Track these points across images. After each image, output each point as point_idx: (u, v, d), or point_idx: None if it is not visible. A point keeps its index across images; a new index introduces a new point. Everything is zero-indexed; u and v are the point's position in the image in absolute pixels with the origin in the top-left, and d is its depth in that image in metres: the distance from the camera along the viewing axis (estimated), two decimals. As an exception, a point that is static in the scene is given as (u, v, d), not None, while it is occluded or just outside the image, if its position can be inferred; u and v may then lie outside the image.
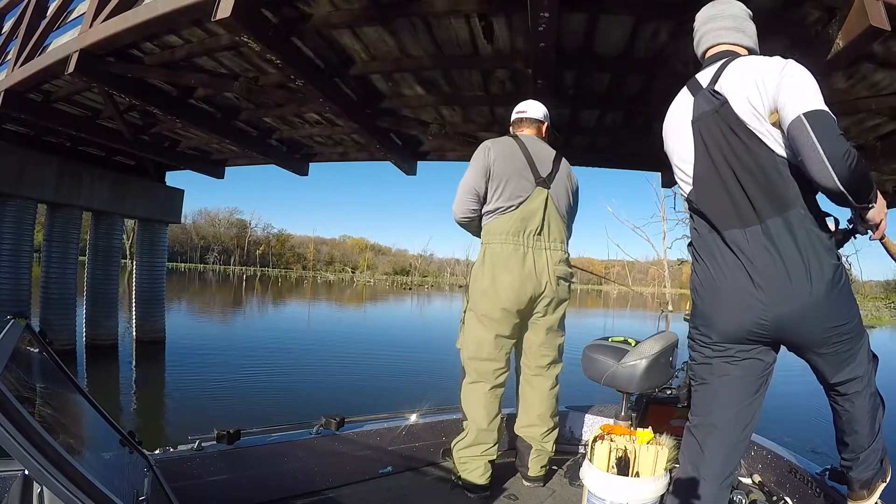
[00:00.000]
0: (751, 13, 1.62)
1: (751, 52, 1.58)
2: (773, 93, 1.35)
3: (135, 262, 10.40)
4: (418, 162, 6.99)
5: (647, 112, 4.76)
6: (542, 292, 2.29)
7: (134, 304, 10.30)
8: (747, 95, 1.39)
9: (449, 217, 2.40)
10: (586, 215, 2.47)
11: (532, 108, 2.49)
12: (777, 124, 1.36)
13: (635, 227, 15.01)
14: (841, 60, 3.12)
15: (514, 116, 2.51)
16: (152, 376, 9.26)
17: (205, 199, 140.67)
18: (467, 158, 2.41)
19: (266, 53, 3.72)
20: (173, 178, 10.98)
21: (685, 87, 1.59)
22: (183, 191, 10.55)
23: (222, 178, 8.94)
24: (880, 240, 1.49)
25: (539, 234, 2.29)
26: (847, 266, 1.55)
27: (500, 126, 5.48)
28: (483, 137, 6.00)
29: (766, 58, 1.44)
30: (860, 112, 4.28)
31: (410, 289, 53.60)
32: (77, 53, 4.67)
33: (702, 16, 1.66)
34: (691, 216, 1.62)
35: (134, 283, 10.32)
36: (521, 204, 2.27)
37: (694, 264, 1.59)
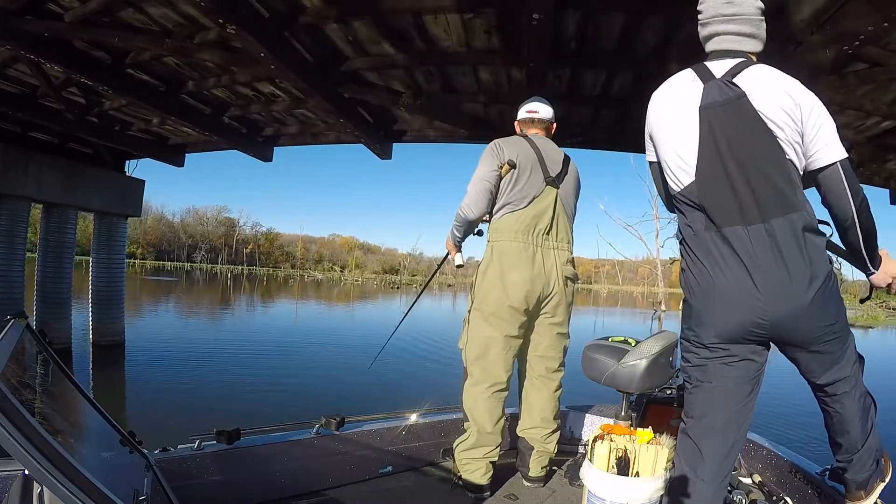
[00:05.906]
0: (762, 6, 1.54)
1: (758, 55, 1.57)
2: (807, 120, 1.40)
3: (91, 259, 9.62)
4: (394, 144, 6.21)
5: (663, 74, 3.99)
6: (551, 292, 2.28)
7: (91, 304, 9.54)
8: (778, 103, 1.40)
9: (439, 216, 2.16)
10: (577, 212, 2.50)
11: (542, 109, 2.47)
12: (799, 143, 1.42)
13: (627, 226, 14.47)
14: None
15: (522, 115, 2.49)
16: (109, 384, 8.53)
17: (194, 198, 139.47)
18: (450, 139, 1.73)
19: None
20: (139, 171, 10.20)
21: (691, 72, 1.53)
22: (143, 181, 9.85)
23: (182, 166, 8.30)
24: None
25: (548, 233, 2.29)
26: (837, 266, 1.57)
27: (486, 96, 4.74)
28: (467, 110, 5.35)
29: (790, 78, 1.44)
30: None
31: (398, 288, 52.25)
32: (-15, 9, 4.06)
33: (712, 8, 1.55)
34: (682, 212, 1.56)
35: (90, 281, 9.57)
36: (532, 202, 2.27)
37: (687, 263, 1.56)
